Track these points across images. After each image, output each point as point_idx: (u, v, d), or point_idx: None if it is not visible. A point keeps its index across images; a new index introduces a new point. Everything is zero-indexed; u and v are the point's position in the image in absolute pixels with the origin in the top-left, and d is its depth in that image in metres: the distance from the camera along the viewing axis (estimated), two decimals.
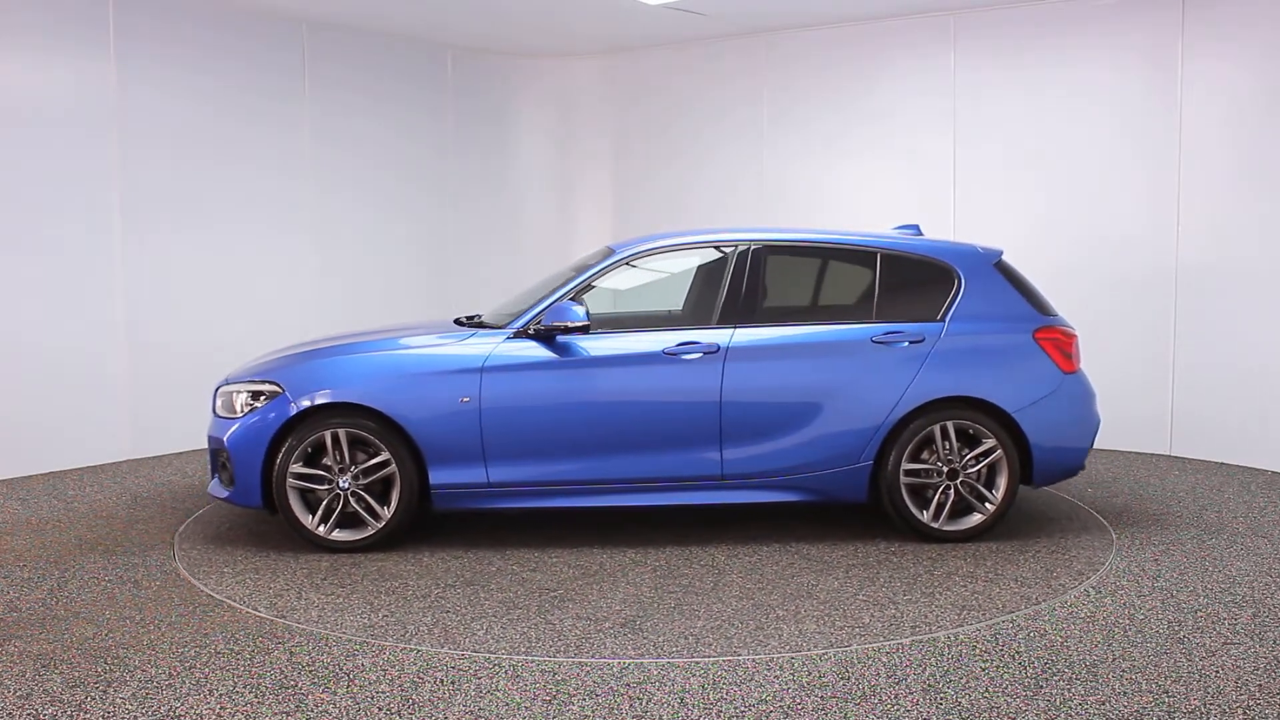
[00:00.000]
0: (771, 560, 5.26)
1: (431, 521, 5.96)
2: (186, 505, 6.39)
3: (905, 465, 5.46)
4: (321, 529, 5.39)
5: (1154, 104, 7.51)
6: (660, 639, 4.23)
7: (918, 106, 8.41)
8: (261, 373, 5.60)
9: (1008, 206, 8.08)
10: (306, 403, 5.35)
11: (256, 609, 4.60)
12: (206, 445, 5.84)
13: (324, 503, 5.39)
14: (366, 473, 5.38)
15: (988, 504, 5.49)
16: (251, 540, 5.65)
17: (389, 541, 5.46)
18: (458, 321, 5.93)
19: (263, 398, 5.45)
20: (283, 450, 5.35)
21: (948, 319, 5.58)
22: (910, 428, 5.45)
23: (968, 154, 8.24)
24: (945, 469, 5.47)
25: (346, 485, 5.38)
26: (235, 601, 4.70)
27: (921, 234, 6.09)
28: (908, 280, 5.70)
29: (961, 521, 5.51)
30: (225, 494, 5.53)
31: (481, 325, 5.70)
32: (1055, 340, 5.59)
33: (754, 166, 9.21)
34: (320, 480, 5.38)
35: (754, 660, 4.02)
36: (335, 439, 5.35)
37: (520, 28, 9.03)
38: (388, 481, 5.42)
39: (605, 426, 5.43)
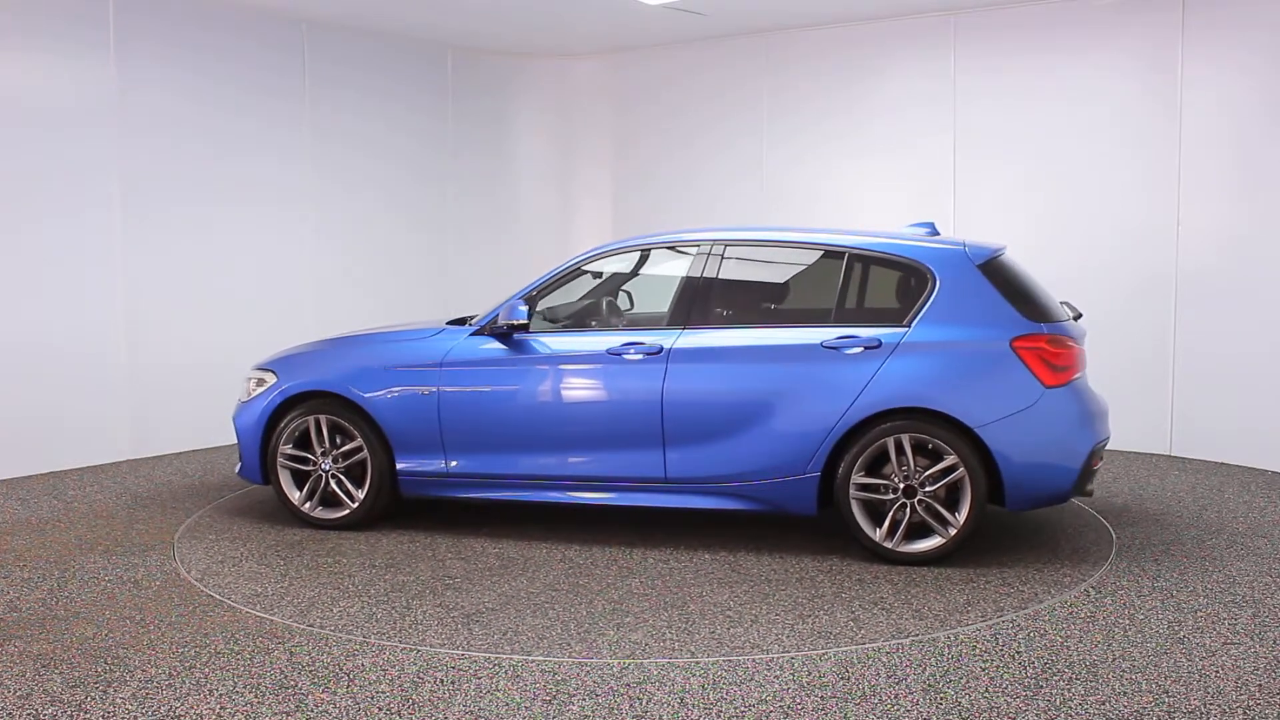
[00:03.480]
0: (693, 568, 5.14)
1: (445, 507, 6.04)
2: (186, 505, 6.39)
3: (857, 479, 5.10)
4: (306, 506, 5.85)
5: (1154, 105, 7.50)
6: (485, 632, 4.32)
7: (918, 107, 8.40)
8: (267, 361, 6.17)
9: (1008, 207, 8.07)
10: (293, 390, 5.84)
11: (256, 609, 4.61)
12: None
13: (309, 482, 5.86)
14: (346, 456, 5.79)
15: (950, 527, 5.03)
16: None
17: (370, 521, 5.83)
18: (453, 322, 6.07)
19: (263, 384, 5.97)
20: (275, 432, 5.86)
21: (914, 324, 5.15)
22: (862, 439, 5.08)
23: (968, 155, 8.23)
24: (901, 485, 5.05)
25: (328, 468, 5.81)
26: (235, 601, 4.70)
27: (937, 232, 5.73)
28: (876, 282, 5.38)
29: (918, 543, 5.08)
30: (238, 469, 6.08)
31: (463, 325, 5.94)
32: (1039, 350, 5.03)
33: (754, 166, 9.21)
34: (307, 461, 5.84)
35: (754, 660, 4.02)
36: (318, 424, 5.80)
37: (520, 28, 9.03)
38: (366, 466, 5.77)
39: (551, 423, 5.53)
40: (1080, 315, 5.62)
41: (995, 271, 5.25)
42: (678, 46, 9.56)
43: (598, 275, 6.11)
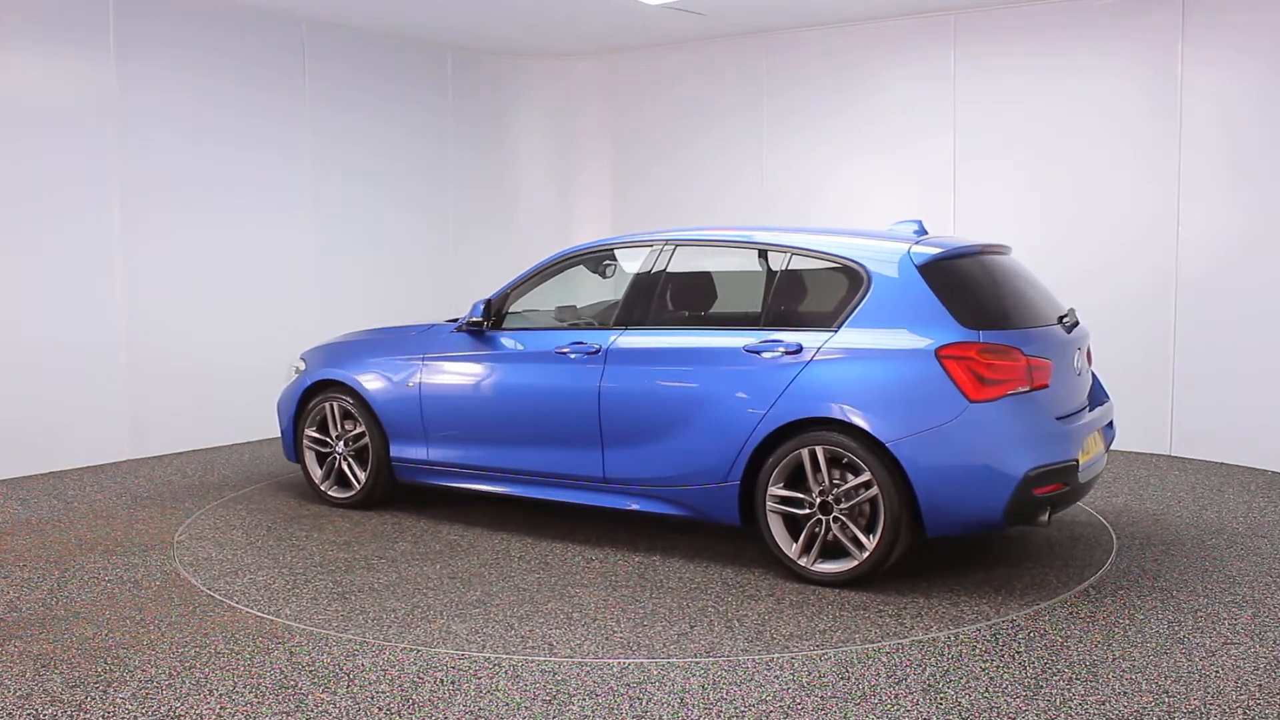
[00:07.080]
0: (605, 568, 5.11)
1: (450, 495, 6.21)
2: (186, 505, 6.39)
3: (774, 491, 4.83)
4: (324, 485, 6.35)
5: (1154, 106, 7.50)
6: (341, 610, 4.55)
7: (918, 107, 8.40)
8: (306, 351, 6.69)
9: (1007, 207, 8.07)
10: (315, 378, 6.36)
11: (256, 609, 4.61)
12: None
13: (325, 463, 6.38)
14: (354, 441, 6.23)
15: (863, 549, 4.67)
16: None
17: (373, 502, 6.24)
18: (451, 320, 6.26)
19: (299, 371, 6.53)
20: (302, 415, 6.40)
21: (840, 328, 4.81)
22: (779, 449, 4.82)
23: (968, 155, 8.23)
24: (817, 500, 4.75)
25: (341, 451, 6.28)
26: (235, 601, 4.70)
27: (925, 231, 5.44)
28: (814, 283, 5.16)
29: (830, 563, 4.77)
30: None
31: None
32: (967, 360, 4.51)
33: (754, 166, 9.21)
34: (326, 444, 6.34)
35: (755, 660, 4.02)
36: (332, 410, 6.28)
37: (520, 28, 9.03)
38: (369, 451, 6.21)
39: (506, 418, 5.71)
40: (1076, 325, 5.31)
41: (940, 273, 4.79)
42: (678, 46, 9.56)
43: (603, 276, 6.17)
